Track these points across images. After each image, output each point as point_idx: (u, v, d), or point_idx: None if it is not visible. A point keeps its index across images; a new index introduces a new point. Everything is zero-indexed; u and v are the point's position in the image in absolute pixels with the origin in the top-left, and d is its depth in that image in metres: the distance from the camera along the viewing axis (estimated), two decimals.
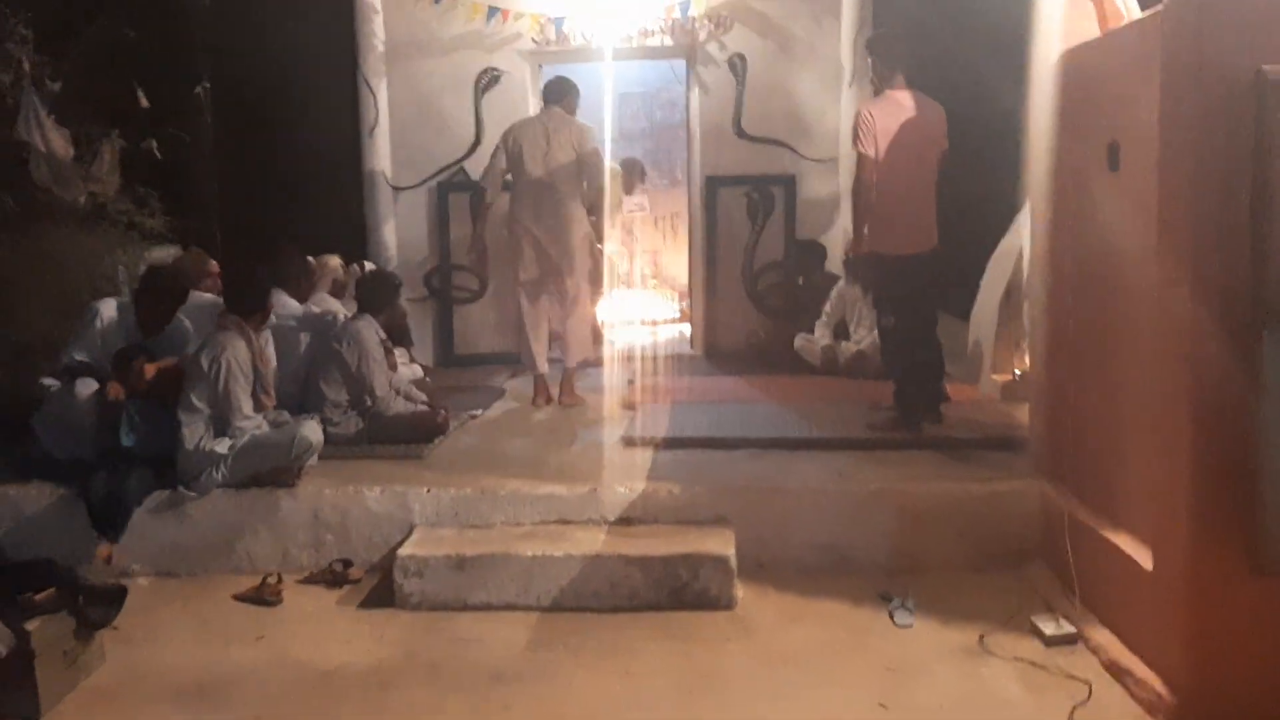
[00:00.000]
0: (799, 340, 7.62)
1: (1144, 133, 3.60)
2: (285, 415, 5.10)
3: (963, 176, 5.96)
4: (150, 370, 4.81)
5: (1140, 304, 3.66)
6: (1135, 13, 4.33)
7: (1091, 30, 4.45)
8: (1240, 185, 3.19)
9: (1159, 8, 3.48)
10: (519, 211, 6.44)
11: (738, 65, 8.11)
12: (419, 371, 6.74)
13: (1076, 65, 4.36)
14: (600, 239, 7.41)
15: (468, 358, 8.22)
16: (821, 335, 7.55)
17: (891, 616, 4.24)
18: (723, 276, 8.39)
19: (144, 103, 6.50)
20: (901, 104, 5.40)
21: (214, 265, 5.83)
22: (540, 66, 8.41)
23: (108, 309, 5.19)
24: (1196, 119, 3.25)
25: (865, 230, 5.47)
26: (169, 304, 5.20)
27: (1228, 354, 3.23)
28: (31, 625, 3.67)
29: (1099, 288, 4.11)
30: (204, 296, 5.46)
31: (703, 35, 8.06)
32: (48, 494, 4.88)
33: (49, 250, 5.85)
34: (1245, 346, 3.20)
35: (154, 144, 6.50)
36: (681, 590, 4.37)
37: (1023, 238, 6.23)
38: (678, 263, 11.11)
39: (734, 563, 4.39)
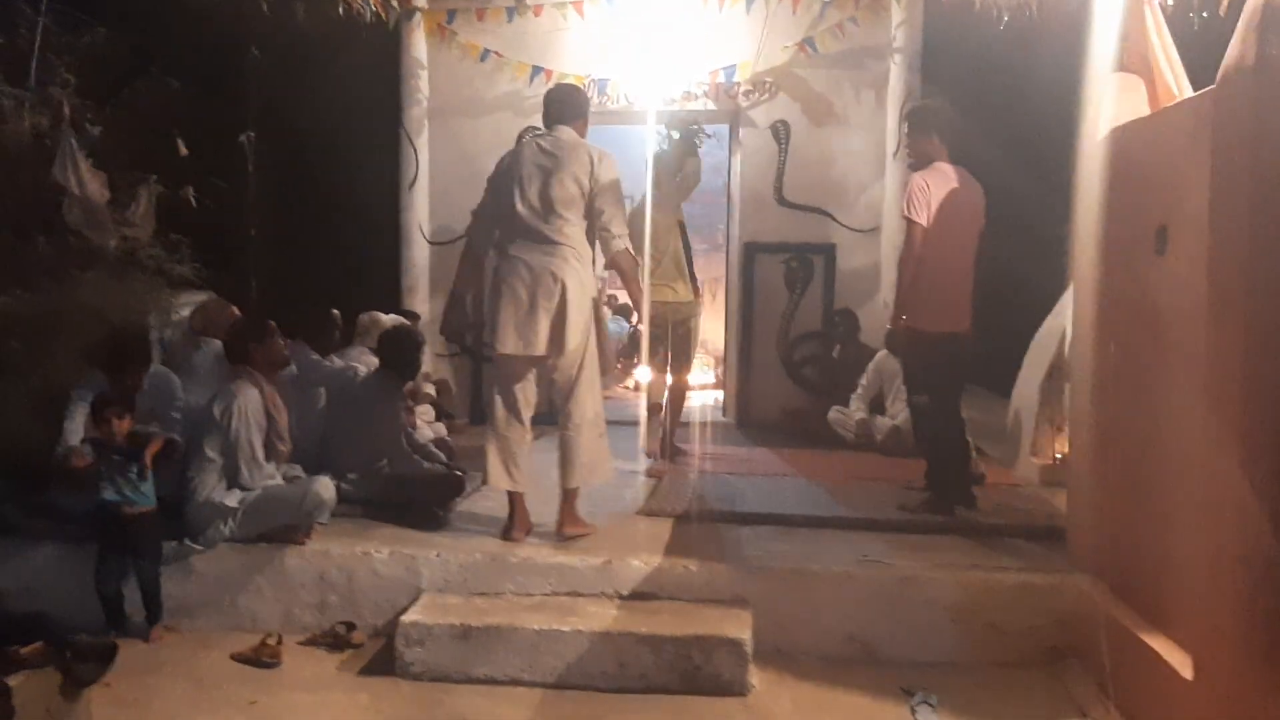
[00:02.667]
0: (833, 413, 7.44)
1: (1193, 217, 3.43)
2: (299, 471, 4.99)
3: (1009, 254, 5.81)
4: (123, 427, 4.60)
5: (1187, 397, 3.46)
6: (1187, 90, 4.19)
7: (1142, 108, 4.31)
8: None
9: (1212, 86, 3.32)
10: (501, 264, 4.95)
11: (781, 132, 8.06)
12: (442, 430, 6.62)
13: (1125, 144, 4.20)
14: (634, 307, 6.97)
15: None
16: (857, 409, 7.37)
17: (913, 713, 4.01)
18: (758, 344, 8.26)
19: (183, 151, 6.51)
20: (949, 177, 5.27)
21: (234, 311, 5.77)
22: None
23: (83, 397, 5.05)
24: (1250, 204, 3.06)
25: (907, 303, 5.33)
26: (131, 367, 5.05)
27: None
28: (14, 680, 3.55)
29: (1144, 377, 3.91)
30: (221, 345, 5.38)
31: (746, 101, 8.01)
32: (57, 544, 4.80)
33: (78, 295, 5.83)
34: None
35: (191, 191, 6.50)
36: (694, 674, 4.17)
37: (1066, 318, 6.04)
38: (714, 328, 10.99)
39: (750, 647, 4.19)
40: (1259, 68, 3.00)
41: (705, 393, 10.17)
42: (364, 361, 5.93)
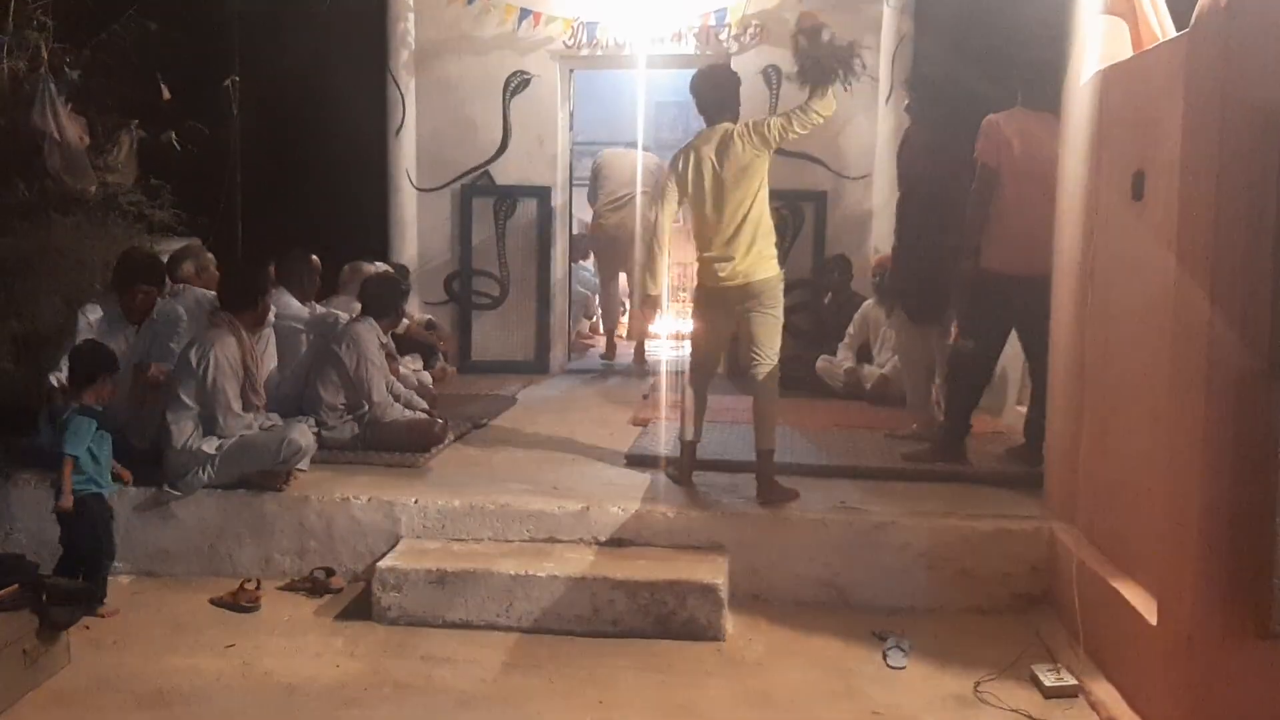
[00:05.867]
0: (821, 362, 7.41)
1: (1168, 162, 3.40)
2: (275, 418, 5.00)
3: None
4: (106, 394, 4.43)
5: (1157, 344, 3.45)
6: (1170, 33, 4.12)
7: (1125, 51, 4.25)
8: (1264, 224, 2.97)
9: (1185, 31, 3.28)
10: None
11: (772, 77, 7.94)
12: (426, 379, 6.62)
13: (1107, 87, 4.16)
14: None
15: (484, 364, 8.12)
16: (844, 358, 7.35)
17: (885, 657, 4.04)
18: None
19: (166, 95, 6.44)
20: (1028, 120, 5.12)
21: (211, 259, 5.75)
22: (571, 71, 8.32)
23: (92, 313, 5.03)
24: (1219, 151, 3.03)
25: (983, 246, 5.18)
26: (145, 288, 5.04)
27: (1245, 402, 3.01)
28: None
29: (1118, 323, 3.90)
30: (205, 293, 5.37)
31: (735, 46, 7.90)
32: (34, 487, 4.80)
33: (60, 240, 5.81)
34: (1264, 395, 2.98)
35: (173, 136, 6.44)
36: (668, 618, 4.20)
37: None
38: None
39: (724, 592, 4.21)
40: (1231, 9, 2.96)
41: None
42: (350, 311, 5.92)
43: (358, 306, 6.07)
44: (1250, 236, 2.99)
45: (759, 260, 4.78)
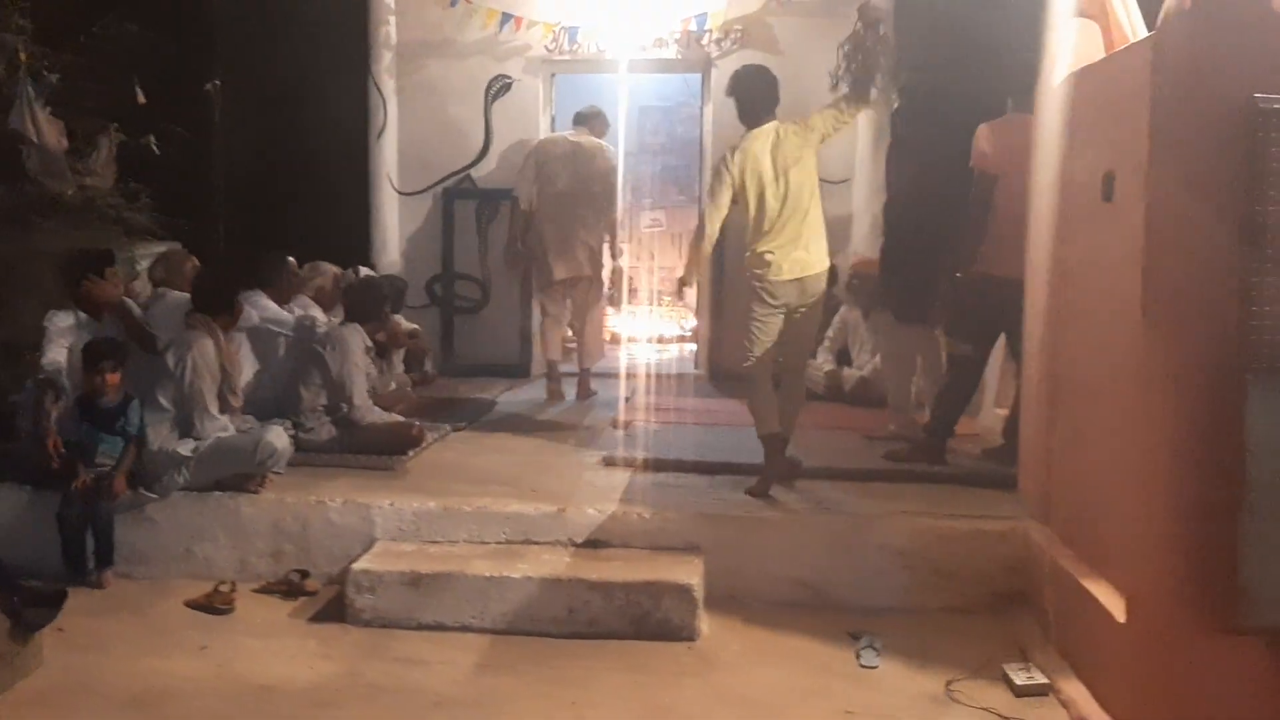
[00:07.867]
0: None
1: (1137, 164, 3.41)
2: (252, 420, 5.00)
3: None
4: (114, 381, 4.66)
5: (1127, 344, 3.47)
6: (1142, 34, 4.15)
7: (1097, 54, 4.28)
8: (1229, 221, 3.00)
9: (1152, 33, 3.30)
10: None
11: None
12: (405, 381, 6.62)
13: (1078, 90, 4.17)
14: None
15: (466, 368, 8.12)
16: (824, 361, 7.37)
17: (858, 657, 4.05)
18: (730, 296, 8.22)
19: (141, 99, 6.43)
20: (1017, 126, 5.16)
21: (195, 263, 5.74)
22: (553, 75, 8.34)
23: (62, 320, 5.02)
24: (1186, 150, 3.06)
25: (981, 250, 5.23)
26: (86, 279, 5.03)
27: (1213, 401, 3.03)
28: None
29: (1089, 324, 3.92)
30: (182, 295, 5.35)
31: (715, 51, 7.93)
32: (14, 492, 4.80)
33: (39, 244, 5.80)
34: (1229, 395, 3.00)
35: (152, 139, 6.43)
36: (643, 619, 4.20)
37: None
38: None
39: (699, 593, 4.22)
40: (1195, 10, 2.98)
41: (680, 344, 10.18)
42: (305, 309, 5.92)
43: (313, 305, 6.07)
44: (1217, 235, 3.01)
45: (810, 252, 4.98)
